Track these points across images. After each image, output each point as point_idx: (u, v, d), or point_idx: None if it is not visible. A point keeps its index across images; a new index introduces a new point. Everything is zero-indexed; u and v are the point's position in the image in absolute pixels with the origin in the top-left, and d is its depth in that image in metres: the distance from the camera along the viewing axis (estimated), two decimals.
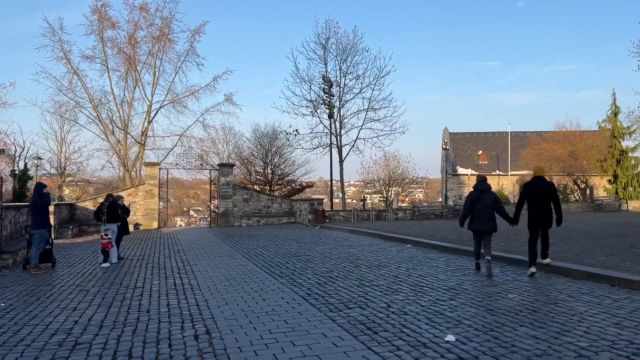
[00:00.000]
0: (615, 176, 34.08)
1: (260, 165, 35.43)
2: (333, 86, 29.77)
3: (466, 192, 48.89)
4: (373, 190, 49.61)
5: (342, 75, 30.32)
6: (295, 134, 31.40)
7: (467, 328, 5.35)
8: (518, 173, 44.86)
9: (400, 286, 7.77)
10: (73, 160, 41.47)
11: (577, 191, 36.30)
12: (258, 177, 35.20)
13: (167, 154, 35.07)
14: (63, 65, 33.77)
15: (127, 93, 34.89)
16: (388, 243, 14.40)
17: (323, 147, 30.61)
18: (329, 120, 29.80)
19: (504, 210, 8.93)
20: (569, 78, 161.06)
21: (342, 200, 32.61)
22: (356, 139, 30.71)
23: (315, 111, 30.34)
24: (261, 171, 35.24)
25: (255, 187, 32.72)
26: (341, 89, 30.34)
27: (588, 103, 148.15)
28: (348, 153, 31.06)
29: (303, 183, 37.48)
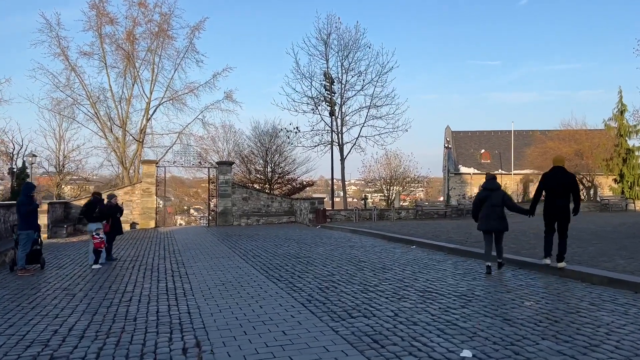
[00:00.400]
0: (621, 175, 33.46)
1: (260, 163, 34.92)
2: (334, 83, 29.20)
3: (468, 191, 48.44)
4: (374, 189, 49.13)
5: (344, 71, 29.75)
6: (295, 132, 30.87)
7: (484, 341, 4.84)
8: (522, 172, 44.26)
9: (407, 292, 7.26)
10: (72, 158, 41.03)
11: (583, 190, 35.71)
12: (258, 176, 34.68)
13: (166, 152, 34.53)
14: (60, 61, 33.18)
15: (126, 90, 34.34)
16: (392, 244, 13.88)
17: (324, 145, 30.08)
18: (330, 117, 29.23)
19: (515, 204, 8.74)
20: (570, 77, 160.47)
21: (344, 199, 32.02)
22: (358, 137, 30.18)
23: (316, 108, 29.79)
24: (261, 169, 34.72)
25: (254, 186, 32.21)
26: (343, 86, 29.77)
27: (590, 102, 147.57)
28: (350, 151, 30.54)
29: (303, 182, 36.95)
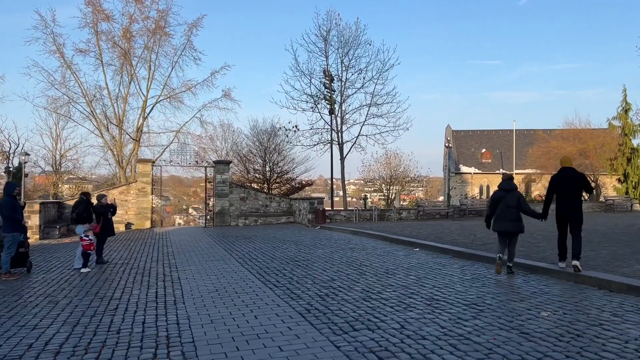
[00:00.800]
0: (625, 175, 32.95)
1: (258, 163, 34.41)
2: (334, 80, 28.64)
3: (469, 191, 47.96)
4: (373, 188, 48.66)
5: (344, 69, 29.18)
6: (294, 130, 30.33)
7: None
8: (524, 172, 43.76)
9: (412, 300, 6.77)
10: (68, 157, 40.53)
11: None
12: (256, 175, 34.17)
13: (163, 151, 34.02)
14: (56, 59, 32.75)
15: (122, 88, 33.82)
16: (394, 246, 13.39)
17: (323, 144, 29.52)
18: (330, 116, 28.68)
19: (529, 207, 8.47)
20: (571, 76, 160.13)
21: (344, 199, 31.48)
22: (358, 136, 29.63)
23: (315, 106, 29.22)
24: (259, 169, 34.21)
25: (253, 186, 31.69)
26: (343, 84, 29.19)
27: (592, 101, 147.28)
28: (350, 150, 29.98)
29: (302, 181, 36.45)
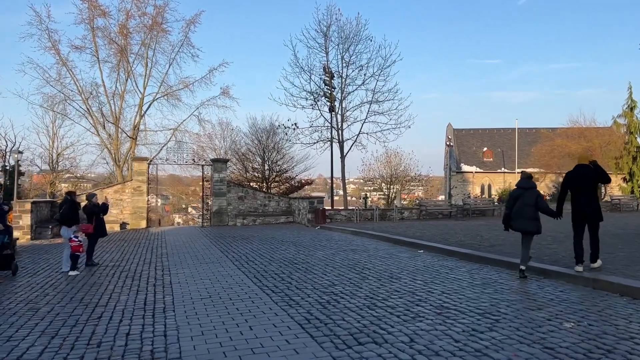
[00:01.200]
0: (631, 174, 32.44)
1: (257, 161, 33.88)
2: (334, 77, 28.07)
3: (470, 190, 47.41)
4: (372, 187, 48.14)
5: (345, 65, 28.62)
6: (294, 128, 29.76)
7: None
8: (526, 171, 43.18)
9: (421, 308, 6.25)
10: (65, 155, 39.96)
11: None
12: (255, 174, 33.64)
13: (160, 150, 33.52)
14: (51, 55, 32.11)
15: (119, 85, 33.26)
16: (397, 248, 12.86)
17: (323, 142, 28.95)
18: (330, 113, 28.11)
19: (547, 205, 8.20)
20: (572, 76, 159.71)
21: (344, 198, 30.91)
22: (359, 133, 29.06)
23: (315, 103, 28.64)
24: (258, 167, 33.69)
25: (251, 185, 31.16)
26: (343, 80, 28.61)
27: (593, 101, 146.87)
28: (350, 148, 29.41)
29: (302, 180, 35.92)
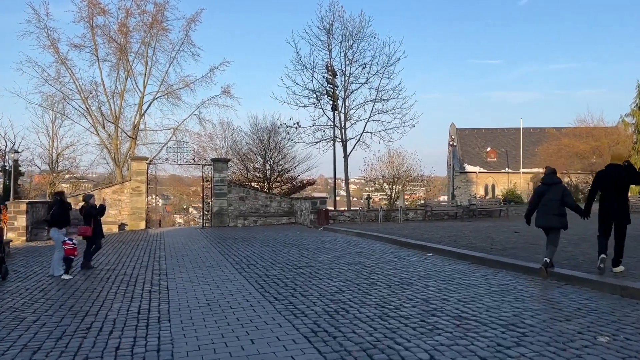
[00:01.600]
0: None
1: (258, 161, 33.40)
2: (337, 76, 27.56)
3: (474, 190, 46.89)
4: (374, 188, 47.59)
5: (348, 63, 28.08)
6: (296, 127, 29.24)
7: None
8: (531, 171, 42.66)
9: (438, 318, 5.74)
10: (65, 155, 39.53)
11: None
12: (256, 174, 33.16)
13: (160, 149, 33.04)
14: (50, 54, 31.76)
15: (119, 84, 32.84)
16: (404, 250, 12.36)
17: (326, 141, 28.42)
18: (333, 112, 27.59)
19: (574, 201, 8.06)
20: (571, 76, 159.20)
21: (347, 198, 30.38)
22: (362, 132, 28.50)
23: (317, 102, 28.09)
24: (259, 167, 33.21)
25: (252, 185, 30.67)
26: (346, 78, 28.08)
27: (594, 101, 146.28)
28: (354, 148, 28.82)
29: (304, 180, 35.40)
